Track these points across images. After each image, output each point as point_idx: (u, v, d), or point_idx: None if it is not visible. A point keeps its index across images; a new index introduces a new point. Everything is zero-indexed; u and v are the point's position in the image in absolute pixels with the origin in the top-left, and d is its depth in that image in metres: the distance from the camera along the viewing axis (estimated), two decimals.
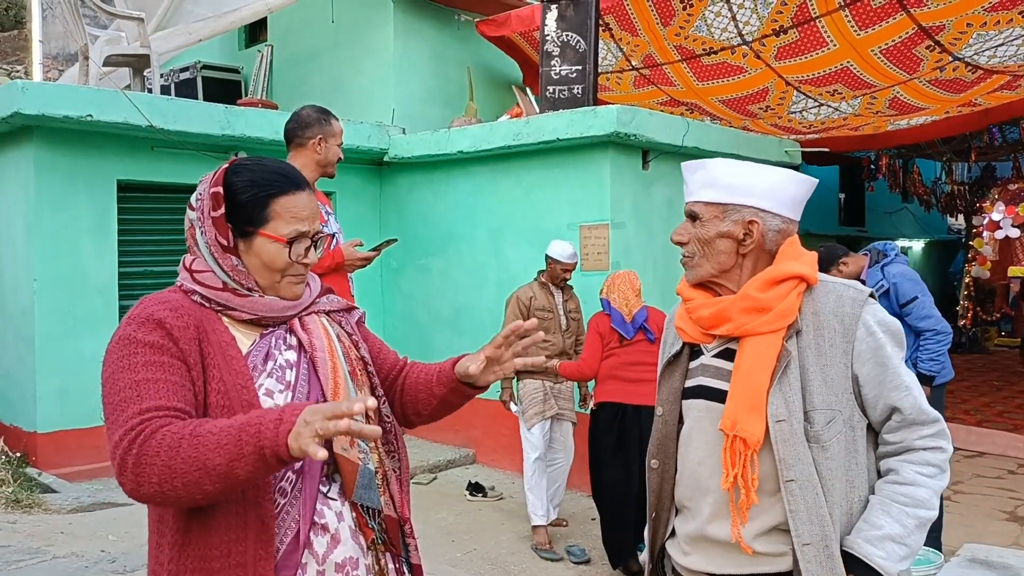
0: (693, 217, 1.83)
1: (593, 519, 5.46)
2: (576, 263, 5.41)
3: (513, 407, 5.28)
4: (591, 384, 5.25)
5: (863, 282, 4.75)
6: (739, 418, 1.68)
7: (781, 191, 1.79)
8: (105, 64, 7.80)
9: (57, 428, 6.14)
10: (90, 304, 6.29)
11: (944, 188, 13.60)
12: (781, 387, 1.68)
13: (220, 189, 1.60)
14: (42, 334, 6.11)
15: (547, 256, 5.37)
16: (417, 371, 1.85)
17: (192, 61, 9.15)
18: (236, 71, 9.46)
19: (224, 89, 8.93)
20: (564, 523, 5.47)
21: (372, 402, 1.34)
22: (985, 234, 14.62)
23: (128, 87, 7.60)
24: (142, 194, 6.66)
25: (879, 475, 1.76)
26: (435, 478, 6.60)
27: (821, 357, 1.70)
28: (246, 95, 9.03)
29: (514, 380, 5.31)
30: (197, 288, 1.60)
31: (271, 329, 1.63)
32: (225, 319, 1.60)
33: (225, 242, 1.59)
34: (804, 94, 7.13)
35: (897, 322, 1.78)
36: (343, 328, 1.75)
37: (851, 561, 1.64)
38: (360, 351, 1.74)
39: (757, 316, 1.73)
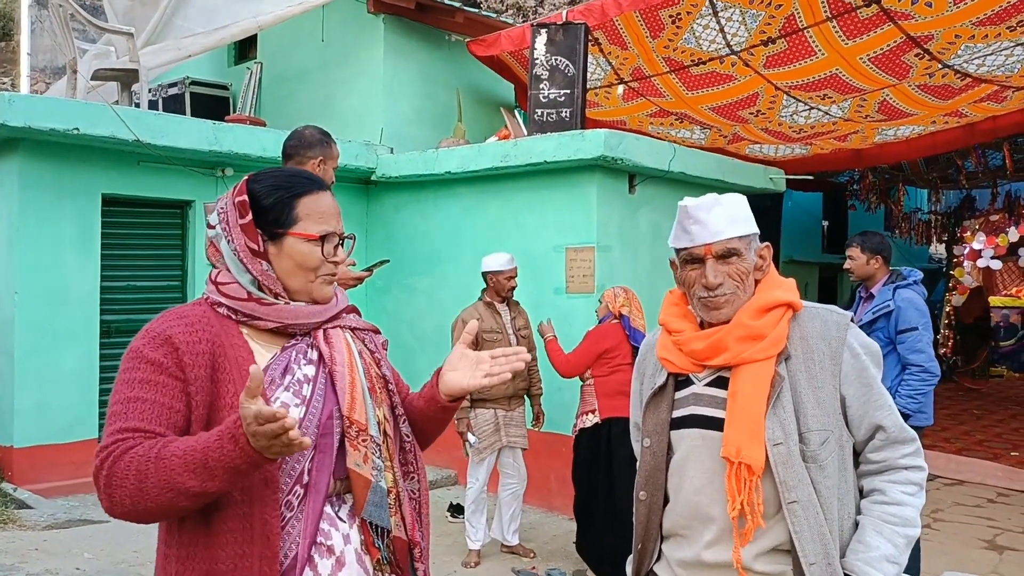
0: (727, 255, 1.81)
1: (575, 541, 5.43)
2: (516, 267, 5.28)
3: (471, 438, 5.09)
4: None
5: (869, 290, 4.71)
6: (742, 445, 1.71)
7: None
8: (93, 78, 7.78)
9: (33, 443, 6.07)
10: (71, 318, 6.25)
11: (923, 217, 13.73)
12: (776, 411, 1.73)
13: (245, 197, 1.62)
14: (22, 347, 6.05)
15: (485, 273, 5.26)
16: (411, 395, 1.85)
17: (181, 77, 9.14)
18: (225, 88, 9.46)
19: (212, 105, 8.92)
20: (532, 554, 5.34)
21: (290, 420, 1.33)
22: (966, 263, 14.82)
23: (116, 102, 7.58)
24: (127, 208, 6.64)
25: (861, 493, 1.82)
26: None
27: (812, 380, 1.77)
28: (234, 112, 9.03)
29: (468, 410, 5.14)
30: (223, 300, 1.61)
31: (293, 342, 1.63)
32: (246, 332, 1.61)
33: (255, 246, 1.60)
34: (794, 98, 7.19)
35: (876, 345, 1.86)
36: (366, 346, 1.75)
37: None
38: (382, 369, 1.74)
39: (752, 344, 1.77)
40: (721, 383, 1.82)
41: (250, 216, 1.60)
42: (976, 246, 14.26)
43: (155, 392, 1.49)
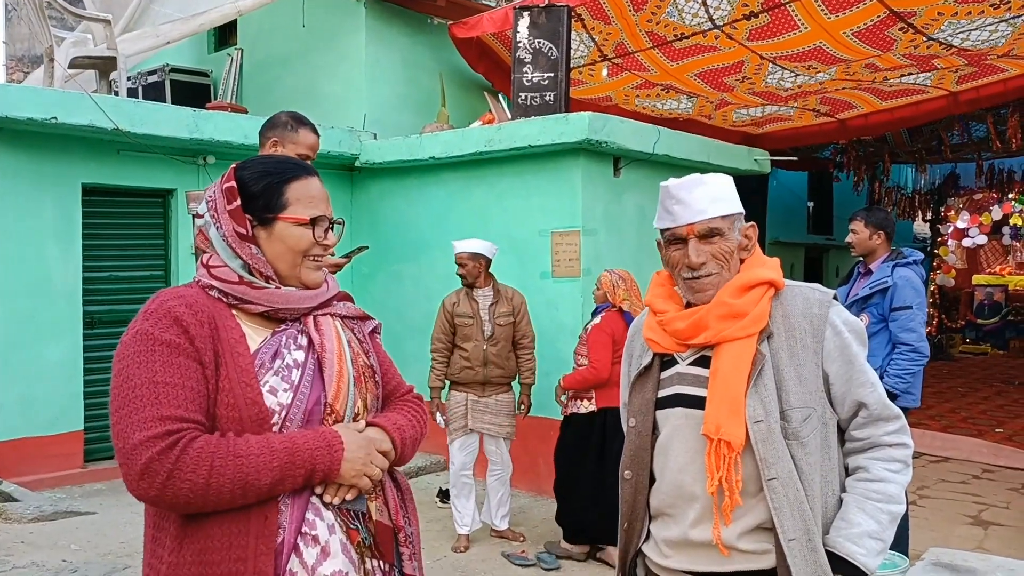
0: (709, 235, 1.81)
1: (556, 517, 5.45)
2: (471, 255, 5.16)
3: (439, 418, 5.17)
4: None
5: (868, 267, 4.69)
6: (722, 422, 1.72)
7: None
8: (71, 66, 7.69)
9: (19, 436, 6.03)
10: (54, 310, 6.19)
11: (906, 193, 13.78)
12: (757, 389, 1.74)
13: (233, 183, 1.64)
14: (4, 340, 6.00)
15: None
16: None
17: (160, 64, 9.04)
18: (205, 75, 9.36)
19: (193, 93, 8.83)
20: (521, 537, 5.36)
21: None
22: (951, 242, 14.93)
23: (95, 90, 7.49)
24: (108, 198, 6.57)
25: (847, 471, 1.84)
26: None
27: (794, 357, 1.78)
28: (215, 99, 8.94)
29: (444, 390, 5.27)
30: (214, 283, 1.62)
31: (284, 327, 1.65)
32: (238, 315, 1.62)
33: (243, 231, 1.62)
34: (780, 66, 7.16)
35: (859, 323, 1.87)
36: (355, 335, 1.76)
37: (833, 559, 1.72)
38: (369, 359, 1.76)
39: (734, 322, 1.78)
40: (704, 362, 1.83)
41: (238, 202, 1.62)
42: (960, 225, 14.37)
43: (181, 376, 1.49)
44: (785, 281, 1.86)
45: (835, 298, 1.85)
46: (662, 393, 1.88)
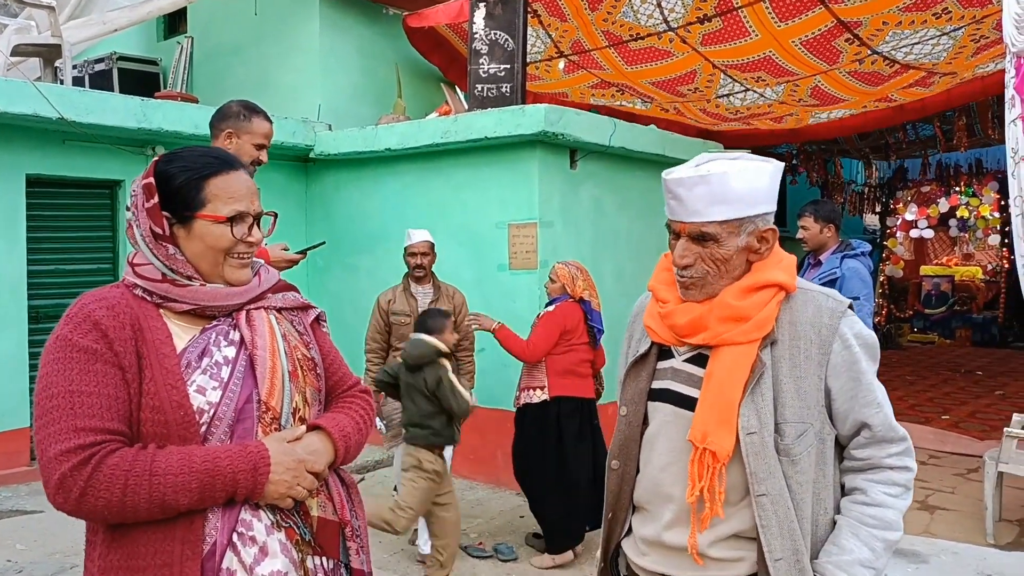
0: (702, 238, 1.67)
1: (522, 517, 5.46)
2: (430, 245, 4.96)
3: (378, 423, 4.78)
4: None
5: (817, 258, 4.77)
6: (709, 430, 1.63)
7: (772, 187, 1.70)
8: (13, 54, 7.45)
9: None
10: None
11: (857, 188, 14.09)
12: (753, 398, 1.63)
13: (151, 180, 1.59)
14: None
15: (404, 252, 5.05)
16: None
17: (107, 52, 8.81)
18: (154, 63, 9.16)
19: (141, 81, 8.63)
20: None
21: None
22: (899, 234, 15.25)
23: (39, 78, 7.28)
24: (53, 189, 6.40)
25: (843, 490, 1.73)
26: (362, 479, 6.51)
27: (795, 369, 1.65)
28: (165, 88, 8.76)
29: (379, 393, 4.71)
30: (138, 281, 1.59)
31: (214, 323, 1.61)
32: (165, 314, 1.58)
33: (159, 231, 1.57)
34: (731, 77, 7.28)
35: (874, 336, 1.74)
36: (294, 327, 1.72)
37: None
38: (310, 352, 1.71)
39: (735, 325, 1.66)
40: (701, 360, 1.73)
41: (155, 199, 1.57)
42: (909, 217, 14.68)
43: (97, 384, 1.47)
44: (799, 285, 1.72)
45: (851, 307, 1.71)
46: (656, 385, 1.79)
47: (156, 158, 1.64)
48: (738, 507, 1.65)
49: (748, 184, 1.65)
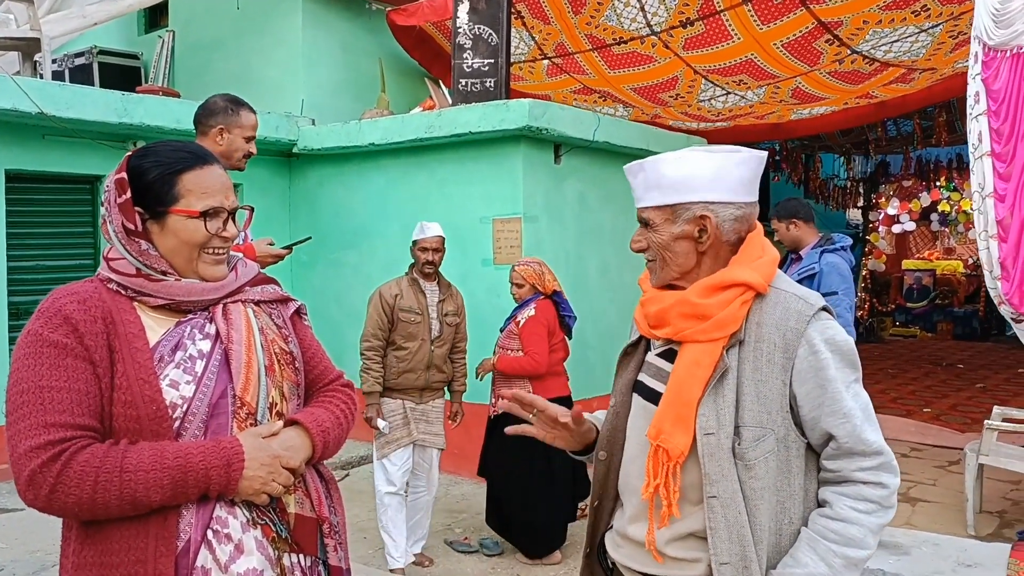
0: (646, 223, 1.69)
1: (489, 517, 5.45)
2: (437, 237, 4.62)
3: (381, 423, 4.47)
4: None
5: (798, 254, 4.82)
6: (664, 428, 1.61)
7: (726, 177, 1.64)
8: None
9: None
10: None
11: (839, 183, 14.17)
12: (715, 399, 1.59)
13: (124, 175, 1.57)
14: None
15: (412, 244, 4.69)
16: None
17: (88, 46, 8.73)
18: (135, 57, 9.09)
19: (122, 76, 8.56)
20: (427, 563, 4.74)
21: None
22: (881, 229, 15.36)
23: (17, 72, 7.20)
24: (33, 185, 6.33)
25: (818, 502, 1.65)
26: (347, 475, 6.50)
27: (757, 372, 1.60)
28: (146, 82, 8.68)
29: (379, 395, 4.52)
30: (112, 276, 1.57)
31: (189, 317, 1.59)
32: (139, 308, 1.56)
33: (132, 226, 1.56)
34: (712, 82, 7.31)
35: (851, 341, 1.64)
36: (272, 320, 1.70)
37: None
38: (288, 345, 1.69)
39: (696, 323, 1.62)
40: (670, 356, 1.70)
41: (128, 195, 1.56)
42: (891, 211, 14.79)
43: (68, 379, 1.45)
44: (776, 285, 1.65)
45: (827, 309, 1.64)
46: (640, 376, 1.78)
47: (129, 153, 1.63)
48: (697, 507, 1.61)
49: (682, 171, 1.64)
